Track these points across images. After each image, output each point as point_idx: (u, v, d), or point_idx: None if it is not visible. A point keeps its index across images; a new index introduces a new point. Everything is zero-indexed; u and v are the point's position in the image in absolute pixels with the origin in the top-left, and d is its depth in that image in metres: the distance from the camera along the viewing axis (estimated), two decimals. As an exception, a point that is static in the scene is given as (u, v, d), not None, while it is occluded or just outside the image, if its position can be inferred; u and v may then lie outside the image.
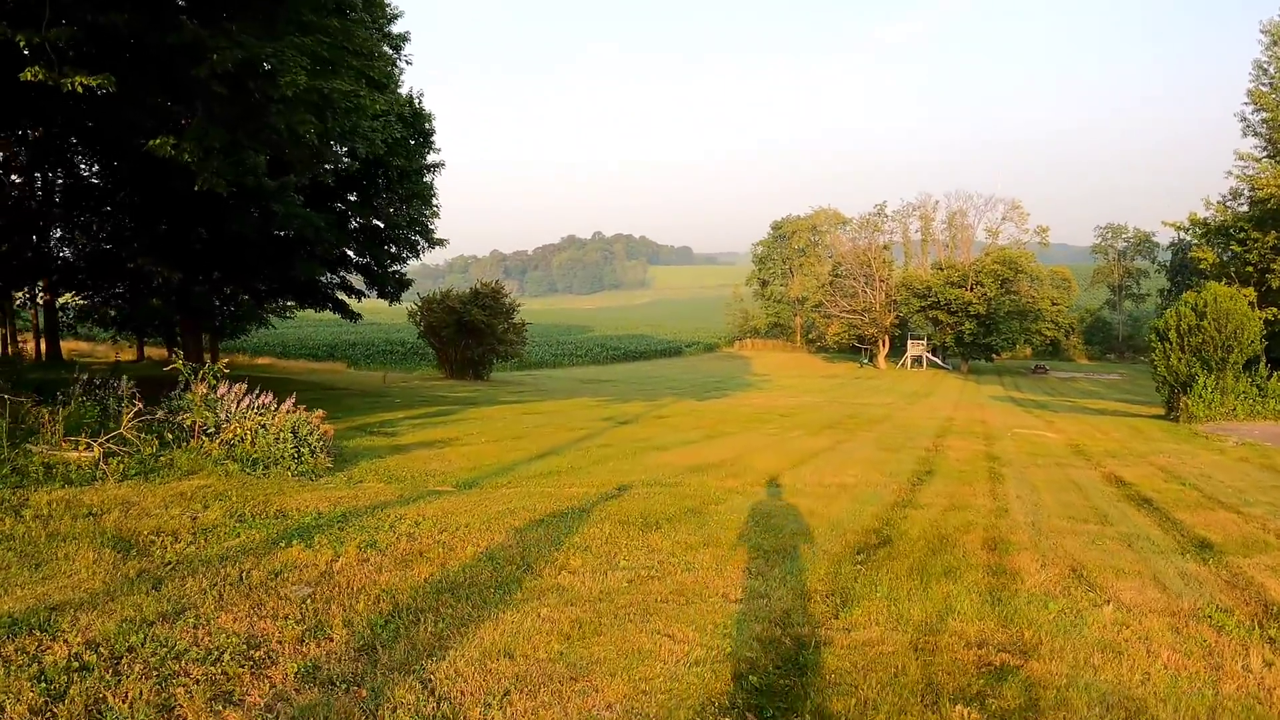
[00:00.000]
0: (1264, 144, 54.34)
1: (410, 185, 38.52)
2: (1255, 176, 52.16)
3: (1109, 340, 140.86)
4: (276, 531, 9.65)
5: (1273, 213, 50.74)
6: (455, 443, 20.08)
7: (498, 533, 9.97)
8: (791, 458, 19.00)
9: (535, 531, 10.13)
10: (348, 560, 8.57)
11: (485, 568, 8.52)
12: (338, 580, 7.92)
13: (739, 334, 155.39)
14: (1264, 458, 22.18)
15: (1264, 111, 53.50)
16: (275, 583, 7.77)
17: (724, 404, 40.49)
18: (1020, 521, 12.02)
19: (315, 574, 8.08)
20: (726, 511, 11.86)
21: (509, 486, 13.98)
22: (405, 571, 8.28)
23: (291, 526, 9.95)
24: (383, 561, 8.60)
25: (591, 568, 8.67)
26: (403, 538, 9.57)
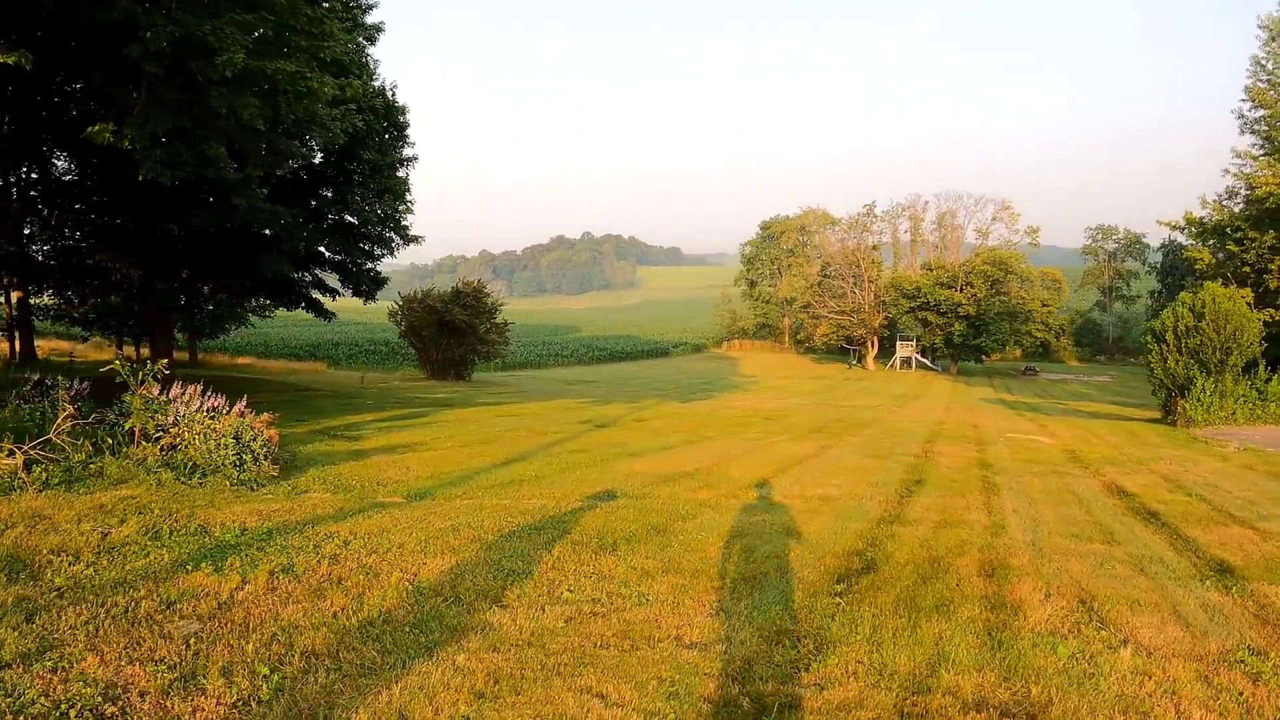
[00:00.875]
0: (1262, 141, 53.88)
1: (383, 180, 37.35)
2: (1253, 175, 51.62)
3: (1099, 342, 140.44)
4: (190, 551, 8.69)
5: (1270, 212, 50.18)
6: (419, 448, 18.92)
7: (433, 555, 8.93)
8: (772, 465, 17.78)
9: (475, 554, 9.06)
10: (255, 588, 7.58)
11: (407, 600, 7.46)
12: (235, 614, 6.91)
13: (727, 335, 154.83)
14: (1270, 465, 21.13)
15: (1262, 108, 53.09)
16: (164, 615, 6.77)
17: (708, 406, 39.38)
18: (1019, 540, 10.89)
19: (212, 605, 7.08)
20: (694, 530, 10.72)
21: (464, 498, 12.88)
22: (315, 604, 7.25)
23: (209, 545, 8.99)
24: (293, 590, 7.59)
25: (529, 600, 7.57)
26: (325, 560, 8.55)
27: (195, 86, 17.74)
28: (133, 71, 17.61)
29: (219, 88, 17.35)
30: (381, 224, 39.66)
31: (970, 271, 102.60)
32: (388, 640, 6.46)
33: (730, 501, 13.11)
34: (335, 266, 42.22)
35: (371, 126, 34.57)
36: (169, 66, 16.64)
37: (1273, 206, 49.43)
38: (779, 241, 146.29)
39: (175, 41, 15.66)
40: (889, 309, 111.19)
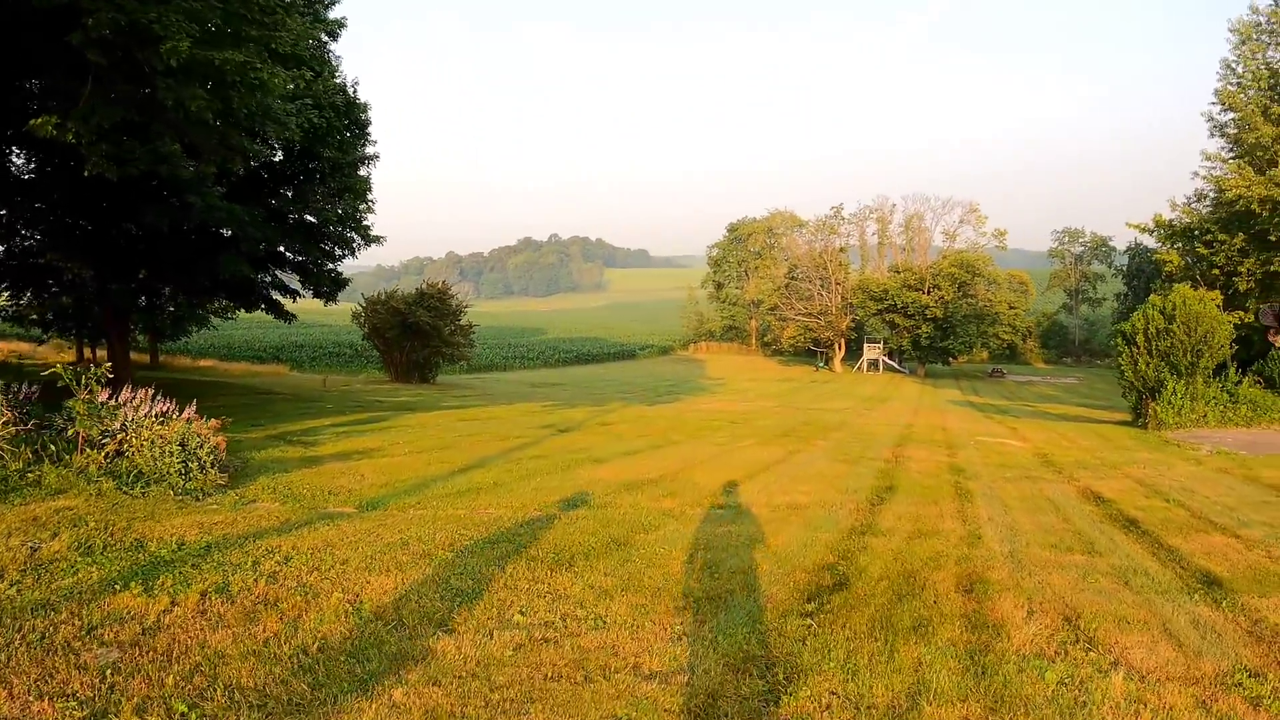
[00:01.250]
0: (1231, 144, 54.16)
1: (343, 178, 36.60)
2: (1222, 178, 51.95)
3: (1065, 344, 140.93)
4: (121, 568, 8.15)
5: (1240, 215, 50.50)
6: (375, 454, 18.36)
7: (378, 573, 8.38)
8: (739, 471, 17.19)
9: (423, 571, 8.53)
10: (184, 610, 7.04)
11: (346, 625, 6.93)
12: (159, 640, 6.37)
13: (694, 337, 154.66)
14: (1244, 468, 20.88)
15: (1232, 111, 53.41)
16: (84, 642, 6.24)
17: (674, 409, 38.79)
18: (997, 552, 10.42)
19: (136, 630, 6.54)
20: (657, 543, 10.19)
21: (418, 508, 12.36)
22: (246, 629, 6.72)
23: (142, 562, 8.46)
24: (225, 613, 7.05)
25: (477, 624, 7.04)
26: (262, 579, 8.02)
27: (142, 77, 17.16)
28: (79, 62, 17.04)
29: (166, 79, 16.71)
30: (342, 223, 38.80)
31: (937, 274, 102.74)
32: (321, 672, 5.94)
33: (695, 511, 12.60)
34: (296, 267, 41.43)
35: (332, 124, 33.82)
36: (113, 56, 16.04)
37: (1242, 209, 49.76)
38: (746, 244, 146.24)
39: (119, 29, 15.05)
40: (856, 311, 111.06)
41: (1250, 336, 46.00)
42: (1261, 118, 50.88)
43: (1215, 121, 56.08)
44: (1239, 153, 53.54)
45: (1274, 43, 52.51)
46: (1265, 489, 17.51)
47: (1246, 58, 53.05)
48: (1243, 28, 53.10)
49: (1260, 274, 51.56)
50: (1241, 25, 53.17)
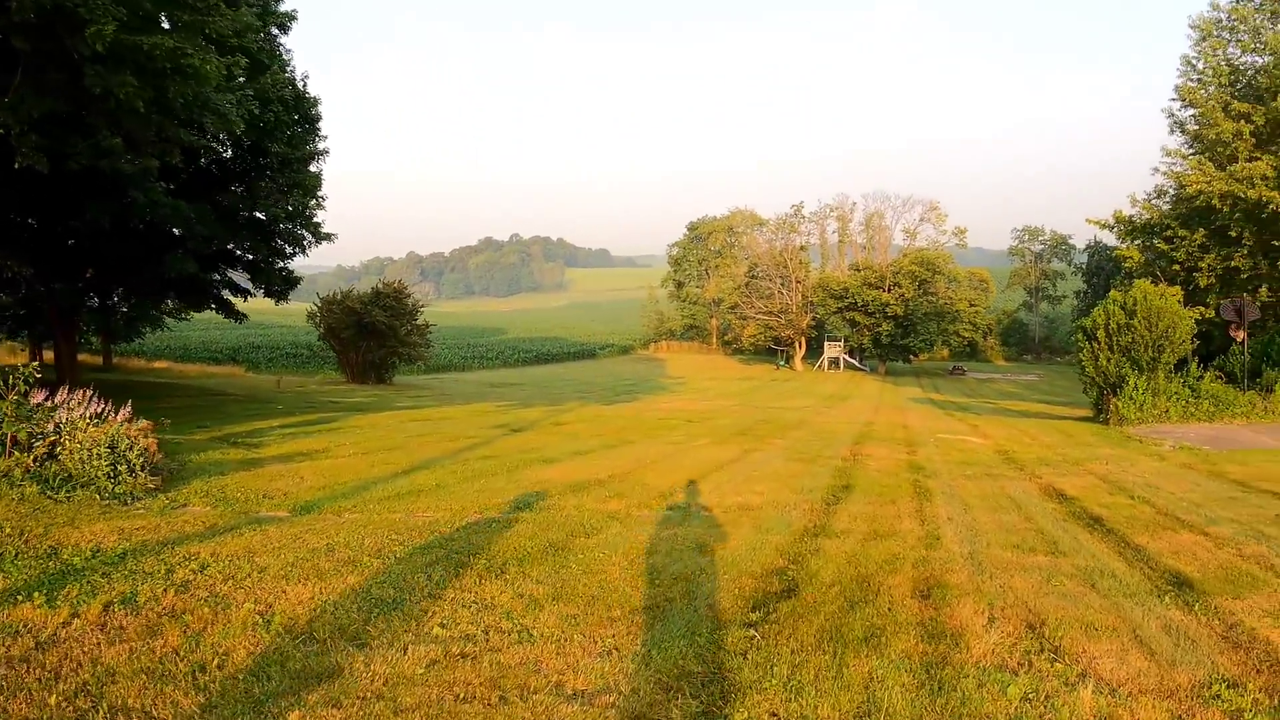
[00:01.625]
0: (1191, 140, 54.80)
1: (292, 174, 35.93)
2: (1183, 174, 52.28)
3: (1026, 341, 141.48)
4: (29, 577, 7.74)
5: (1200, 210, 50.87)
6: (319, 455, 17.85)
7: (296, 582, 7.90)
8: (691, 471, 16.67)
9: (345, 580, 8.02)
10: (84, 623, 6.56)
11: (251, 640, 6.41)
12: (51, 655, 5.89)
13: (654, 336, 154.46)
14: (1208, 464, 20.52)
15: (1193, 107, 53.97)
16: (-30, 658, 5.63)
17: (631, 409, 38.29)
18: (956, 553, 9.92)
19: (29, 645, 6.07)
20: (598, 547, 9.66)
21: (353, 511, 11.85)
22: (145, 643, 6.20)
23: (52, 570, 8.02)
24: (127, 626, 6.55)
25: (392, 638, 6.51)
26: (173, 589, 7.52)
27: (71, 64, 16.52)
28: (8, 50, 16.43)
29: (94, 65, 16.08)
30: (291, 220, 38.21)
31: (898, 272, 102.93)
32: (215, 691, 5.42)
33: (642, 513, 12.06)
34: (246, 266, 40.80)
35: (280, 118, 33.26)
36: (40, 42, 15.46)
37: (1202, 205, 50.05)
38: (706, 242, 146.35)
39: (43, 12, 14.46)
40: (817, 310, 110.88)
41: (1210, 332, 46.18)
42: (1222, 113, 51.05)
43: (1176, 118, 56.71)
44: (1199, 149, 53.78)
45: (1234, 39, 52.92)
46: (1231, 484, 17.14)
47: (1207, 54, 53.39)
48: (1204, 24, 53.40)
49: (1220, 269, 51.79)
50: (1203, 22, 53.48)
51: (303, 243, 40.45)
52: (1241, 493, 15.93)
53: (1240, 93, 52.56)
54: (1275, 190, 47.41)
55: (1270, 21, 50.78)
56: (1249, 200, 48.04)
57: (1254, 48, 52.12)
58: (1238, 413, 31.03)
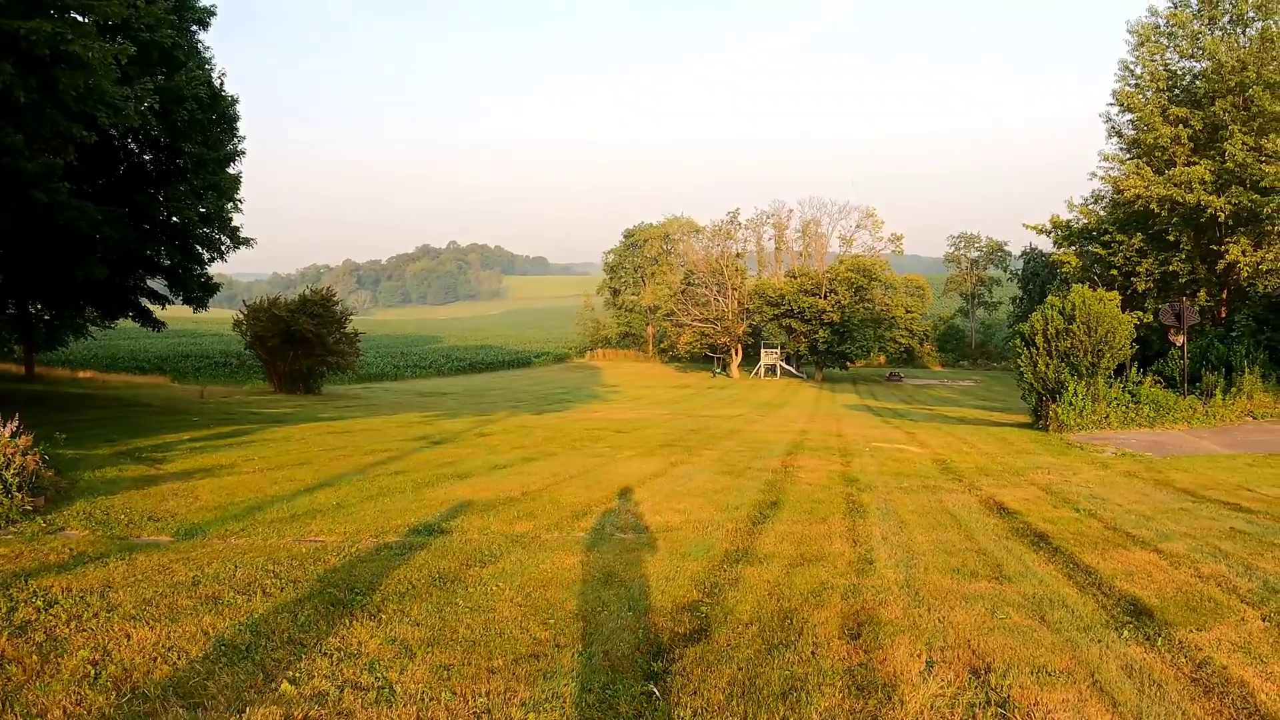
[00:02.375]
0: (1129, 146, 55.55)
1: (208, 176, 34.71)
2: (1121, 178, 52.68)
3: (962, 347, 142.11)
4: None
5: (1138, 215, 51.21)
6: (221, 471, 16.79)
7: (145, 623, 7.05)
8: (612, 487, 15.66)
9: (200, 620, 7.14)
10: None
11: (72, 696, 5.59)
12: None
13: (591, 344, 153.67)
14: (1153, 471, 19.91)
15: (1131, 113, 54.68)
16: None
17: (559, 419, 37.21)
18: (890, 580, 9.02)
19: None
20: (493, 578, 8.69)
21: (240, 535, 10.88)
22: None
23: None
24: None
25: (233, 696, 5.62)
26: (7, 631, 6.73)
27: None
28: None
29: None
30: (207, 224, 36.98)
31: (835, 278, 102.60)
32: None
33: (551, 536, 11.06)
34: (165, 272, 39.55)
35: (195, 117, 32.13)
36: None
37: (1140, 209, 50.44)
38: (643, 250, 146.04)
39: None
40: (753, 317, 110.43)
41: (1149, 337, 46.14)
42: (1160, 118, 51.66)
43: (1113, 123, 57.41)
44: (1137, 153, 54.21)
45: (1173, 45, 53.45)
46: (1178, 494, 16.45)
47: (1145, 59, 54.02)
48: (1142, 29, 54.06)
49: (1158, 274, 52.30)
50: (1141, 27, 54.14)
51: (220, 248, 39.32)
52: (1192, 503, 15.23)
53: (1178, 98, 53.15)
54: (1213, 195, 47.77)
55: (1209, 27, 51.09)
56: (1188, 204, 48.50)
57: (1192, 53, 52.55)
58: (1178, 418, 30.56)
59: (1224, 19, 51.37)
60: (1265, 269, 47.23)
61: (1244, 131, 48.15)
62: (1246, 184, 48.22)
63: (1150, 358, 39.97)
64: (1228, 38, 50.67)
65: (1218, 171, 49.13)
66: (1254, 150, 47.42)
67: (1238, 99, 49.77)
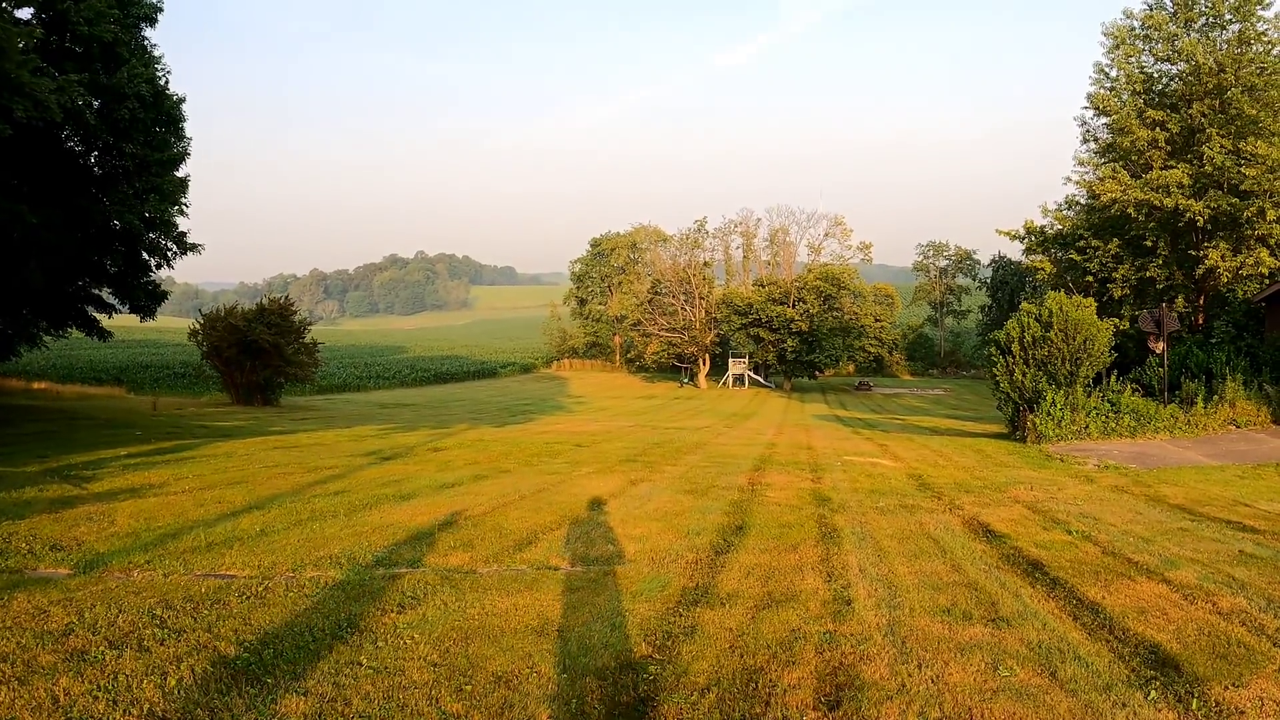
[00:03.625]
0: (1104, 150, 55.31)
1: (151, 178, 33.40)
2: (1096, 182, 52.01)
3: (931, 356, 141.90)
4: None
5: (1114, 220, 50.74)
6: (150, 491, 15.59)
7: None
8: (564, 509, 14.30)
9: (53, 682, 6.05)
10: None
11: None
12: None
13: (557, 354, 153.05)
14: (1141, 485, 18.88)
15: (1106, 116, 54.57)
16: None
17: (519, 432, 35.87)
18: (872, 625, 7.83)
19: None
20: (410, 627, 7.49)
21: (145, 568, 9.71)
22: None
23: None
24: None
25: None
26: None
27: None
28: None
29: None
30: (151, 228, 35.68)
31: (803, 287, 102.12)
32: None
33: (487, 570, 9.79)
34: (110, 279, 38.27)
35: (136, 115, 30.86)
36: None
37: (1116, 214, 50.18)
38: (609, 259, 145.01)
39: None
40: (721, 326, 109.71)
41: (1125, 344, 45.25)
42: (1137, 121, 51.14)
43: (1088, 126, 57.15)
44: (1113, 157, 53.66)
45: (1148, 47, 52.97)
46: (1174, 511, 15.36)
47: (1120, 61, 53.49)
48: (1117, 32, 53.53)
49: (1135, 280, 51.81)
50: (1116, 29, 53.61)
51: (167, 254, 38.04)
52: (1190, 522, 14.13)
53: (1154, 100, 52.69)
54: (1191, 198, 47.15)
55: (1185, 29, 50.46)
56: (1165, 209, 48.06)
57: (1168, 56, 52.00)
58: (1160, 427, 29.64)
59: (1200, 21, 50.95)
60: (1245, 274, 46.92)
61: (1222, 134, 47.74)
62: (1225, 187, 47.86)
63: (1127, 365, 39.13)
64: (1205, 40, 50.15)
65: (1195, 175, 48.68)
66: (1232, 153, 47.05)
67: (1215, 101, 49.32)
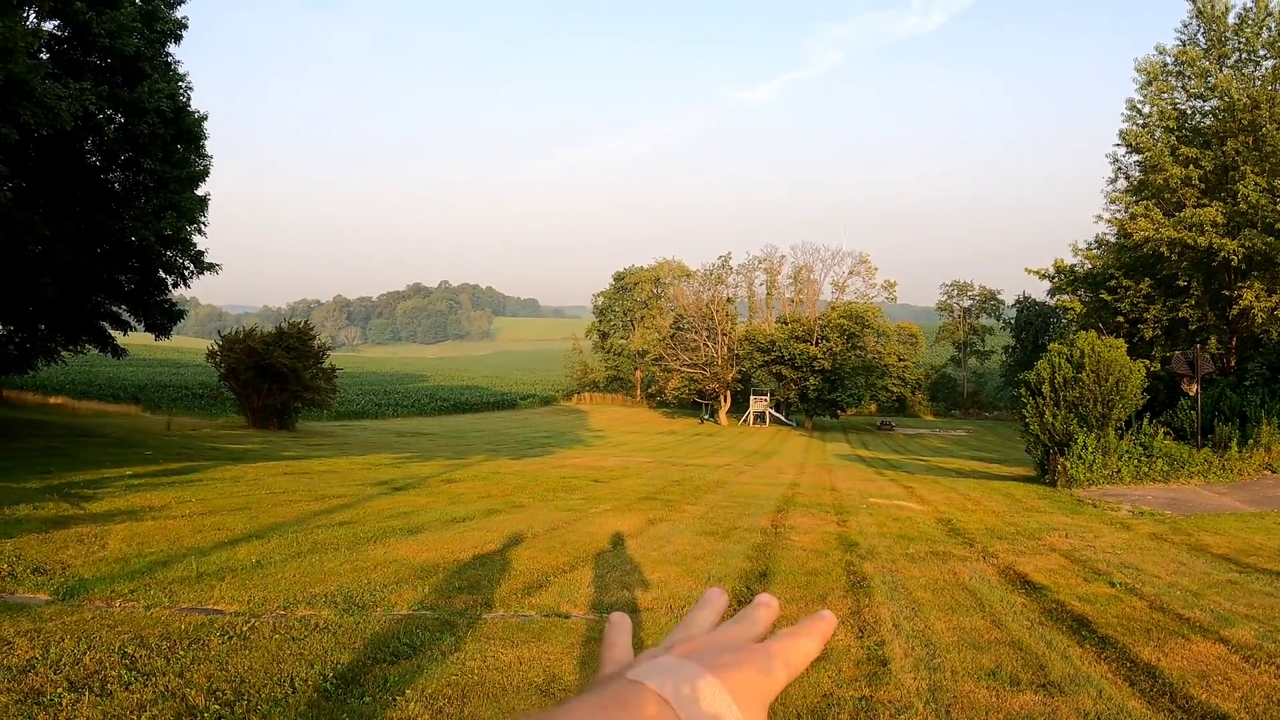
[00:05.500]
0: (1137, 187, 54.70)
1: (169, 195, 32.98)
2: (1128, 220, 50.95)
3: (954, 396, 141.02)
4: None
5: (1146, 259, 50.03)
6: (148, 514, 14.91)
7: None
8: (577, 551, 13.50)
9: None
10: None
11: None
12: None
13: (578, 387, 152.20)
14: (1181, 534, 18.07)
15: (1139, 153, 53.72)
16: None
17: (537, 465, 35.13)
18: (911, 690, 7.10)
19: None
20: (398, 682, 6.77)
21: (127, 598, 9.11)
22: None
23: None
24: None
25: None
26: None
27: None
28: None
29: None
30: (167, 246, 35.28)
31: (826, 325, 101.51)
32: None
33: (491, 616, 9.03)
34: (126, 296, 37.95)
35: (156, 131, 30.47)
36: None
37: (1149, 253, 49.29)
38: (632, 293, 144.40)
39: None
40: (743, 362, 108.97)
41: (1155, 386, 44.44)
42: (1169, 158, 50.43)
43: (1120, 164, 56.48)
44: (1145, 195, 52.92)
45: (1181, 84, 51.94)
46: (1219, 562, 14.56)
47: (1153, 97, 52.79)
48: (1150, 67, 52.88)
49: (1166, 320, 51.17)
50: (1149, 65, 52.95)
51: (183, 272, 37.68)
52: (1238, 574, 13.34)
53: (1187, 138, 51.99)
54: (1225, 237, 46.37)
55: (1218, 65, 49.78)
56: (1199, 248, 47.31)
57: (1201, 92, 51.24)
58: (1194, 472, 28.83)
59: (1234, 56, 50.45)
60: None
61: (1256, 172, 46.98)
62: (1259, 226, 47.11)
63: (1157, 408, 38.26)
64: (1239, 76, 49.44)
65: (1229, 214, 47.99)
66: (1267, 191, 46.29)
67: (1249, 138, 48.54)
